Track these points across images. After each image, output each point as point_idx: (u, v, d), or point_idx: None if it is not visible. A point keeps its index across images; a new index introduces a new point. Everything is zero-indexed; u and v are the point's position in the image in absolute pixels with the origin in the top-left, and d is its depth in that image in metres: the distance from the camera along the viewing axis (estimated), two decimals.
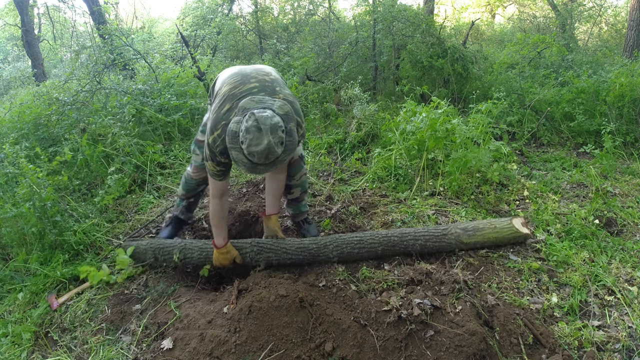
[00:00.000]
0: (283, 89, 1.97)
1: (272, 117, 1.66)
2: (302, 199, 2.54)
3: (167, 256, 2.30)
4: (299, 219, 2.62)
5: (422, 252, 2.33)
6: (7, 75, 9.92)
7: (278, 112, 1.72)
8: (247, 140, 1.65)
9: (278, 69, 5.62)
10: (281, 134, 1.68)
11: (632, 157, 3.85)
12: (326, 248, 2.23)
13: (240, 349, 1.74)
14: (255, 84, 1.92)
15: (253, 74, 1.99)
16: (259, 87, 1.91)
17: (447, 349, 1.68)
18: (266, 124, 1.63)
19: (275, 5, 9.75)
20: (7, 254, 2.62)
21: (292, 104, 1.90)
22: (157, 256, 2.31)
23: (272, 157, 1.67)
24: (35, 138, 3.87)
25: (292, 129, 1.76)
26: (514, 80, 5.22)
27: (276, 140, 1.66)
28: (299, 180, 2.42)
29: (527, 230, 2.38)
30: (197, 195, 2.64)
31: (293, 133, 1.76)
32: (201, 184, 2.53)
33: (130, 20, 13.49)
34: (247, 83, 1.92)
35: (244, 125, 1.66)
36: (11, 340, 1.98)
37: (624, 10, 10.05)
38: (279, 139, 1.67)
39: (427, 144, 3.13)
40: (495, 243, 2.38)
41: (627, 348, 1.78)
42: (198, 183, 2.53)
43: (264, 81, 1.95)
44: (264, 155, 1.65)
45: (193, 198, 2.64)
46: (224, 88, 1.97)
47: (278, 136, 1.66)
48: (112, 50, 4.72)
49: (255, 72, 2.01)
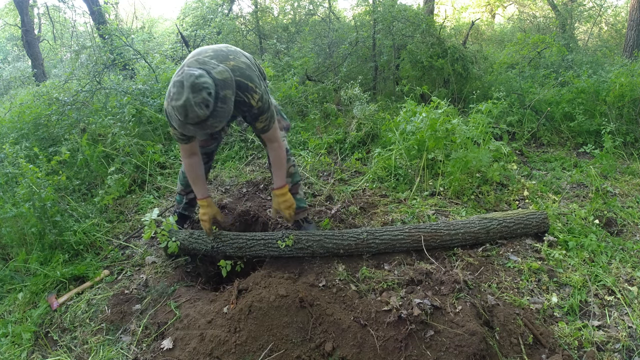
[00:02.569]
0: (238, 58, 1.96)
1: (198, 76, 1.67)
2: (295, 191, 2.53)
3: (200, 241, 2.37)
4: (299, 217, 2.60)
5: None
6: (7, 75, 9.93)
7: (215, 75, 1.73)
8: (171, 94, 1.70)
9: (278, 69, 5.63)
10: (205, 96, 1.67)
11: (632, 157, 3.85)
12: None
13: (240, 349, 1.74)
14: (210, 53, 1.93)
15: (214, 47, 2.01)
16: (213, 55, 1.92)
17: (447, 349, 1.68)
18: (188, 81, 1.65)
19: (275, 5, 9.74)
20: (7, 254, 2.62)
21: (242, 71, 1.90)
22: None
23: (192, 116, 1.67)
24: (35, 138, 3.87)
25: (227, 96, 1.76)
26: (514, 80, 5.22)
27: (197, 100, 1.65)
28: (288, 171, 2.46)
29: None
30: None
31: (227, 100, 1.76)
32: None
33: (130, 20, 13.50)
34: (203, 53, 1.94)
35: (173, 79, 1.71)
36: (11, 340, 1.98)
37: (624, 10, 10.05)
38: (201, 99, 1.66)
39: (427, 144, 3.13)
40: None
41: (627, 348, 1.78)
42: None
43: (220, 50, 1.97)
44: (183, 112, 1.67)
45: (193, 193, 2.59)
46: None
47: (201, 97, 1.66)
48: (112, 50, 4.73)
49: (217, 46, 2.02)
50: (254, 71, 2.01)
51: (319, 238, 2.30)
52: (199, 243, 2.35)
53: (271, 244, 2.29)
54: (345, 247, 2.29)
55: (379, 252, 2.34)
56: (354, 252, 2.32)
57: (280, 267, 2.27)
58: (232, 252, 2.33)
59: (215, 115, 1.73)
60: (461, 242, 2.38)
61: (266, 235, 2.33)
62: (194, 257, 2.45)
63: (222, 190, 3.38)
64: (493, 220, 2.46)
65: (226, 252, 2.34)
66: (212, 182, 3.55)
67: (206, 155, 2.46)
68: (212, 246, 2.32)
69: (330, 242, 2.29)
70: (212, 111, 1.71)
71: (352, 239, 2.30)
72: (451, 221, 2.48)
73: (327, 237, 2.31)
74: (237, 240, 2.33)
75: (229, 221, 2.60)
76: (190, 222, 2.84)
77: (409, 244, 2.33)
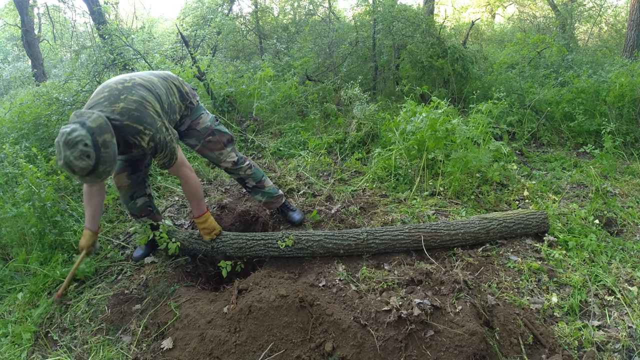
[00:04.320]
0: (131, 97, 1.89)
1: (70, 132, 1.68)
2: (262, 185, 2.63)
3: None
4: (276, 205, 2.71)
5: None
6: (7, 75, 9.93)
7: (89, 125, 1.71)
8: (55, 154, 1.75)
9: (278, 69, 5.63)
10: (82, 148, 1.67)
11: (632, 157, 3.85)
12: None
13: (240, 349, 1.74)
14: (105, 94, 1.89)
15: (112, 83, 1.96)
16: (107, 96, 1.88)
17: (447, 349, 1.67)
18: (62, 140, 1.68)
19: (275, 5, 9.75)
20: (7, 254, 2.62)
21: (130, 113, 1.84)
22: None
23: (78, 170, 1.70)
24: (35, 138, 3.87)
25: (107, 139, 1.74)
26: (514, 80, 5.22)
27: (75, 155, 1.67)
28: (245, 173, 2.55)
29: None
30: (144, 210, 2.40)
31: (109, 144, 1.74)
32: (132, 194, 2.33)
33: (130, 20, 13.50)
34: (100, 93, 1.92)
35: (56, 140, 1.74)
36: (11, 340, 1.98)
37: (624, 10, 10.05)
38: (79, 153, 1.67)
39: (427, 144, 3.13)
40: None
41: (627, 348, 1.78)
42: (126, 193, 2.32)
43: (114, 90, 1.91)
44: (69, 170, 1.71)
45: (145, 215, 2.42)
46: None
47: (78, 150, 1.67)
48: (112, 50, 4.73)
49: (115, 82, 1.96)
50: (147, 108, 1.90)
51: (319, 238, 2.30)
52: (199, 243, 2.35)
53: (271, 244, 2.29)
54: (345, 247, 2.29)
55: (379, 252, 2.34)
56: (354, 252, 2.32)
57: (280, 267, 2.27)
58: (232, 252, 2.33)
59: (103, 162, 1.74)
60: (461, 242, 2.38)
61: (266, 236, 2.33)
62: (194, 257, 2.45)
63: (222, 190, 3.38)
64: (493, 220, 2.46)
65: (226, 252, 2.34)
66: (212, 182, 3.55)
67: (130, 164, 2.30)
68: (212, 246, 2.33)
69: (330, 242, 2.29)
70: (97, 159, 1.72)
71: (352, 239, 2.30)
72: (451, 221, 2.48)
73: (327, 237, 2.31)
74: (237, 241, 2.33)
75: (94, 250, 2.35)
76: (191, 223, 2.84)
77: (409, 244, 2.33)
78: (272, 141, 4.33)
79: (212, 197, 3.20)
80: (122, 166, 2.25)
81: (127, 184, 2.28)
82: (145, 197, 2.38)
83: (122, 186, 2.30)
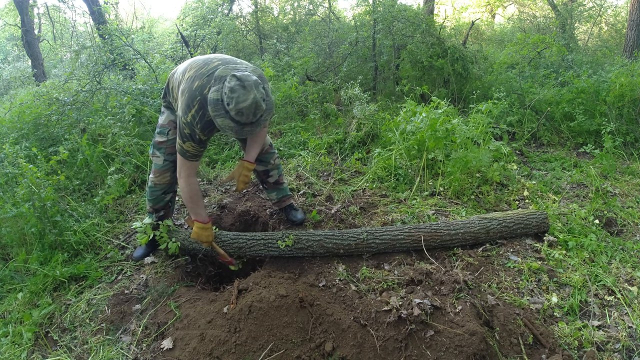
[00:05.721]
0: (244, 63, 2.02)
1: (251, 74, 1.78)
2: (281, 181, 2.65)
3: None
4: (285, 203, 2.71)
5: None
6: (7, 75, 9.93)
7: (253, 73, 1.83)
8: (233, 99, 1.73)
9: (278, 69, 5.63)
10: (262, 90, 1.78)
11: (632, 157, 3.85)
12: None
13: (240, 349, 1.74)
14: (219, 62, 1.97)
15: (211, 57, 2.03)
16: (223, 61, 1.97)
17: (447, 349, 1.67)
18: (249, 80, 1.73)
19: (275, 5, 9.75)
20: (7, 254, 2.62)
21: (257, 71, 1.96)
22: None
23: (258, 112, 1.78)
24: (35, 138, 3.87)
25: (268, 89, 1.86)
26: (514, 80, 5.22)
27: (260, 96, 1.76)
28: (273, 163, 2.56)
29: None
30: (166, 207, 2.47)
31: (269, 93, 1.86)
32: (167, 191, 2.40)
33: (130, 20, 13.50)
34: (210, 63, 1.97)
35: (227, 86, 1.74)
36: (11, 340, 1.98)
37: (624, 10, 10.05)
38: (261, 95, 1.77)
39: (427, 144, 3.13)
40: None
41: (627, 348, 1.78)
42: (164, 190, 2.38)
43: (225, 58, 2.02)
44: (252, 110, 1.75)
45: (163, 211, 2.47)
46: (186, 74, 2.00)
47: (260, 92, 1.77)
48: (112, 50, 4.72)
49: (212, 56, 2.05)
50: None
51: (319, 238, 2.30)
52: (199, 243, 2.35)
53: (271, 244, 2.29)
54: (345, 247, 2.29)
55: (379, 252, 2.34)
56: (354, 252, 2.32)
57: (280, 267, 2.27)
58: (232, 252, 2.33)
59: (267, 109, 1.84)
60: (461, 242, 2.38)
61: (266, 235, 2.33)
62: (194, 257, 2.45)
63: (222, 190, 3.38)
64: (493, 220, 2.46)
65: (226, 252, 2.34)
66: (212, 182, 3.55)
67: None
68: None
69: (330, 242, 2.29)
70: (268, 103, 1.83)
71: (352, 239, 2.30)
72: (451, 221, 2.48)
73: (327, 237, 2.31)
74: (237, 240, 2.33)
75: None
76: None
77: (409, 244, 2.33)
78: (272, 141, 4.33)
79: (212, 197, 3.20)
80: (170, 166, 2.30)
81: (168, 181, 2.36)
82: (173, 193, 2.47)
83: (164, 183, 2.35)
